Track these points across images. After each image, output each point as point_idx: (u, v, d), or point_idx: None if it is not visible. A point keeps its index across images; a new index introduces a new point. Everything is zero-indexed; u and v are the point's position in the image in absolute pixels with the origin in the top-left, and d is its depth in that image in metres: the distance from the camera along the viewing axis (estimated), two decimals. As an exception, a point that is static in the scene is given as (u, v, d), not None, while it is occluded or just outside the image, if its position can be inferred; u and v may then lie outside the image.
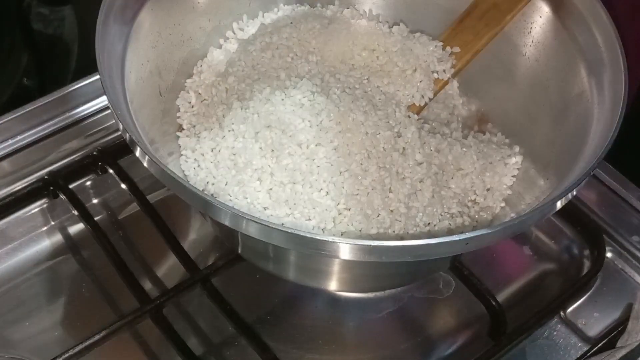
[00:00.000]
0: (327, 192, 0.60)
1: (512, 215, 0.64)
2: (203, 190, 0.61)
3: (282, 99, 0.64)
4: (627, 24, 0.66)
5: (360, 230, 0.59)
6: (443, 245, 0.50)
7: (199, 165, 0.63)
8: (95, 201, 0.72)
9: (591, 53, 0.63)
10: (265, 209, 0.60)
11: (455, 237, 0.50)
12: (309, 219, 0.59)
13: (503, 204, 0.66)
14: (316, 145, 0.61)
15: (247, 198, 0.60)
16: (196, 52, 0.70)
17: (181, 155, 0.64)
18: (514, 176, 0.66)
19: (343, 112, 0.62)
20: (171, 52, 0.67)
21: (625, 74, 0.59)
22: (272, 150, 0.61)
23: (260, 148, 0.61)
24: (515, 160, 0.66)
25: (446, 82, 0.70)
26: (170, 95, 0.67)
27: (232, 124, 0.63)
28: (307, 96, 0.63)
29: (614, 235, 0.73)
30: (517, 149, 0.67)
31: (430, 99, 0.69)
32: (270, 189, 0.60)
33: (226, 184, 0.61)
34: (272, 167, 0.60)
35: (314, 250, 0.50)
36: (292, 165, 0.60)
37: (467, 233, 0.50)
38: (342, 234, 0.59)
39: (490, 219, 0.65)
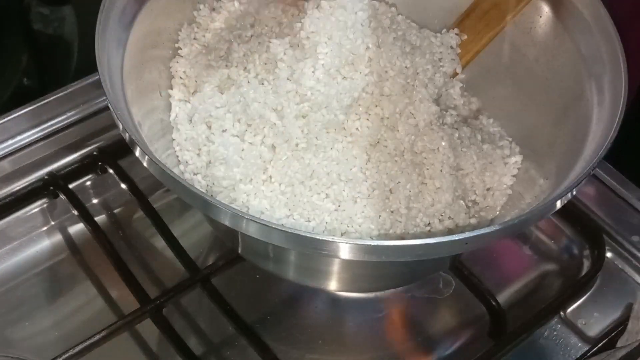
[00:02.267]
0: (327, 195, 0.60)
1: (512, 215, 0.64)
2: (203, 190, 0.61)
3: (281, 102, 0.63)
4: (627, 24, 0.65)
5: (360, 232, 0.59)
6: (443, 245, 0.50)
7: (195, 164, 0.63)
8: (95, 201, 0.72)
9: (591, 53, 0.63)
10: (264, 210, 0.60)
11: (455, 237, 0.50)
12: (309, 221, 0.59)
13: (503, 204, 0.66)
14: (316, 148, 0.61)
15: (247, 198, 0.60)
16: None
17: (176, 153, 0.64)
18: (514, 176, 0.66)
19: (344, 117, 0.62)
20: (171, 52, 0.67)
21: (625, 74, 0.59)
22: (272, 153, 0.61)
23: (260, 150, 0.61)
24: (515, 160, 0.66)
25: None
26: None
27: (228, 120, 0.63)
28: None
29: (614, 235, 0.73)
30: (517, 148, 0.67)
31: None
32: (270, 191, 0.60)
33: (226, 184, 0.61)
34: (272, 170, 0.60)
35: (314, 250, 0.50)
36: (291, 169, 0.60)
37: (467, 233, 0.50)
38: (342, 234, 0.59)
39: (490, 218, 0.65)
